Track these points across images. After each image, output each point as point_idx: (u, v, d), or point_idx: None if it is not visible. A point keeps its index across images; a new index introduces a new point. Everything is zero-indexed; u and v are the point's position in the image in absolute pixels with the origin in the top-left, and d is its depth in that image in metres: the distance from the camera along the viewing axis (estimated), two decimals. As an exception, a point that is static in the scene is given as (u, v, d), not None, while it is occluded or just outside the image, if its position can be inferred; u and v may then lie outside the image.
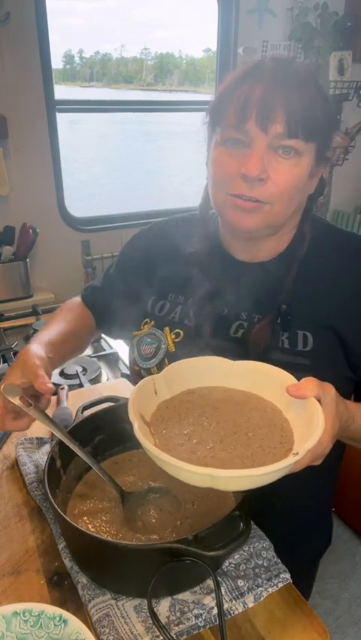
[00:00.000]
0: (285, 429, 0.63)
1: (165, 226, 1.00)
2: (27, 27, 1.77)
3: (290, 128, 0.69)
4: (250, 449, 0.60)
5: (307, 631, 0.65)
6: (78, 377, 1.44)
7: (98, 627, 0.63)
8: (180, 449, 0.60)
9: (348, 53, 2.36)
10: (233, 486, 0.56)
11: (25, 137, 1.90)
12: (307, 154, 0.73)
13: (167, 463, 0.54)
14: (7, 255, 1.93)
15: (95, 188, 8.02)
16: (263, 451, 0.60)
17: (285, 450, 0.60)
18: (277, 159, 0.72)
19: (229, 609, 0.66)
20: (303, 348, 0.80)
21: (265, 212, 0.75)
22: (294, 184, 0.73)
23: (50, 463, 0.72)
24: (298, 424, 0.63)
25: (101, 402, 0.91)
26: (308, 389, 0.61)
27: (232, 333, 0.84)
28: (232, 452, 0.60)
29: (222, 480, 0.53)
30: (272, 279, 0.83)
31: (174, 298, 0.92)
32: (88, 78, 17.58)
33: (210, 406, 0.68)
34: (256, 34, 2.25)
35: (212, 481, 0.54)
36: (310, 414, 0.60)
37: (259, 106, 0.69)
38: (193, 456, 0.59)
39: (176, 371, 0.71)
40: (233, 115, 0.71)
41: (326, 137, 0.75)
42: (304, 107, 0.69)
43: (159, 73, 17.08)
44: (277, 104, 0.69)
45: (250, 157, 0.71)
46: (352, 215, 2.78)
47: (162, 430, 0.63)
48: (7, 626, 0.58)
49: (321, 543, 1.06)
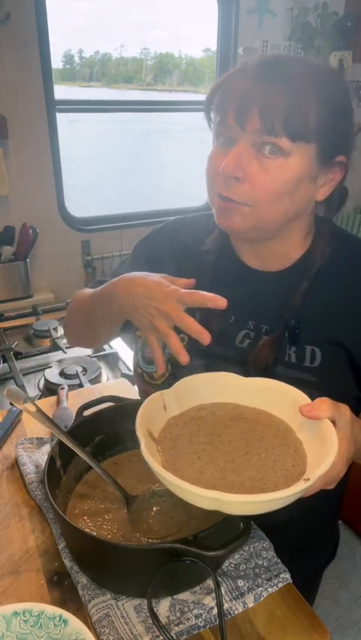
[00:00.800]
0: (298, 450, 0.61)
1: (177, 225, 0.96)
2: (27, 27, 1.77)
3: (266, 124, 0.66)
4: (261, 471, 0.58)
5: (307, 631, 0.65)
6: (78, 377, 1.44)
7: (98, 627, 0.63)
8: (189, 469, 0.58)
9: (348, 53, 2.36)
10: (240, 510, 0.54)
11: (25, 137, 1.90)
12: (299, 155, 0.68)
13: (172, 483, 0.53)
14: (7, 255, 1.93)
15: (94, 188, 8.02)
16: (275, 474, 0.58)
17: (297, 473, 0.58)
18: (259, 159, 0.68)
19: (229, 609, 0.66)
20: (310, 364, 0.78)
21: (246, 215, 0.72)
22: (275, 186, 0.69)
23: (50, 463, 0.72)
24: (312, 445, 0.61)
25: (101, 402, 0.91)
26: (322, 410, 0.58)
27: (238, 343, 0.82)
28: (243, 474, 0.58)
29: (230, 504, 0.52)
30: (283, 291, 0.80)
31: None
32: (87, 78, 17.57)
33: (222, 423, 0.66)
34: (256, 34, 2.25)
35: (219, 505, 0.52)
36: (323, 436, 0.58)
37: (237, 102, 0.67)
38: (202, 477, 0.57)
39: (186, 386, 0.68)
40: (218, 112, 0.71)
41: (329, 139, 0.70)
42: (286, 103, 0.65)
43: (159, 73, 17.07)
44: (253, 99, 0.66)
45: (229, 155, 0.69)
46: (352, 215, 2.78)
47: (170, 448, 0.61)
48: (7, 626, 0.58)
49: (325, 555, 1.05)
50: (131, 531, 0.72)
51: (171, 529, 0.71)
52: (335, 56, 2.34)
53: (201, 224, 0.91)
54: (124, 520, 0.74)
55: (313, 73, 0.69)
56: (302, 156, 0.69)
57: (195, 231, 0.91)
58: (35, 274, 2.04)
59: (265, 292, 0.83)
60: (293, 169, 0.69)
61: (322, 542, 1.03)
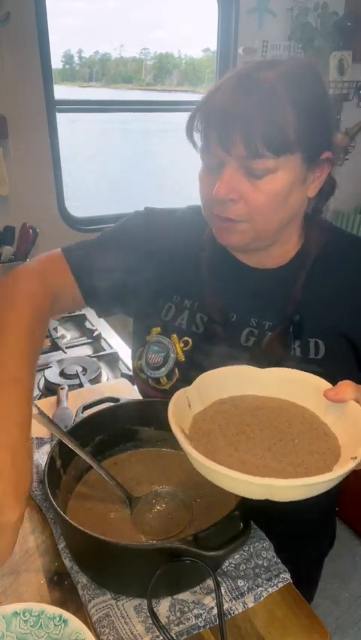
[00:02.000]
0: (328, 434, 0.63)
1: (163, 217, 0.93)
2: (27, 27, 1.77)
3: (250, 150, 0.67)
4: (299, 456, 0.59)
5: (307, 631, 0.65)
6: (78, 377, 1.44)
7: (98, 627, 0.63)
8: (229, 460, 0.58)
9: (348, 53, 2.36)
10: (292, 496, 0.54)
11: (25, 137, 1.90)
12: (286, 166, 0.70)
13: (224, 475, 0.52)
14: (7, 255, 1.93)
15: (94, 188, 8.03)
16: (313, 458, 0.59)
17: (334, 455, 0.59)
18: (248, 179, 0.70)
19: (229, 609, 0.66)
20: (315, 356, 0.80)
21: (244, 231, 0.74)
22: (268, 201, 0.71)
23: (50, 463, 0.72)
24: (340, 427, 0.63)
25: (101, 402, 0.91)
26: (347, 392, 0.61)
27: (243, 342, 0.83)
28: (283, 460, 0.59)
29: (283, 490, 0.52)
30: (282, 286, 0.82)
31: (179, 301, 0.88)
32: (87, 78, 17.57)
33: (248, 414, 0.67)
34: (256, 34, 2.25)
35: (270, 492, 0.52)
36: (353, 416, 0.60)
37: (218, 130, 0.68)
38: (244, 467, 0.57)
39: (206, 382, 0.69)
40: (201, 138, 0.71)
41: (313, 144, 0.71)
42: (266, 122, 0.66)
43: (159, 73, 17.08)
44: (234, 126, 0.66)
45: (219, 180, 0.70)
46: (352, 215, 2.78)
47: (205, 443, 0.61)
48: (7, 626, 0.58)
49: (324, 544, 1.06)
50: (131, 531, 0.72)
51: (173, 530, 0.71)
52: (335, 56, 2.34)
53: (191, 222, 0.91)
54: (124, 520, 0.74)
55: (288, 80, 0.68)
56: (289, 166, 0.70)
57: (185, 228, 0.91)
58: (35, 274, 2.04)
59: (264, 289, 0.84)
60: (283, 181, 0.71)
61: (321, 531, 1.04)
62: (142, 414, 0.86)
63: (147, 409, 0.86)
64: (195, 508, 0.75)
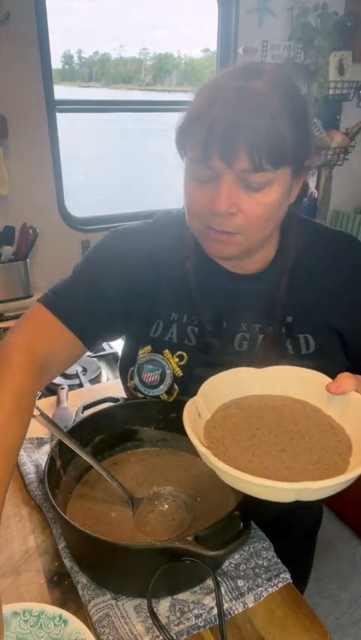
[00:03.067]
0: (334, 426, 0.64)
1: (132, 235, 0.90)
2: (27, 27, 1.77)
3: (254, 163, 0.66)
4: (314, 453, 0.60)
5: (307, 631, 0.65)
6: (78, 377, 1.44)
7: (98, 627, 0.63)
8: (252, 467, 0.59)
9: (348, 53, 2.36)
10: (321, 495, 0.54)
11: (25, 137, 1.90)
12: (280, 179, 0.70)
13: (256, 485, 0.52)
14: (7, 255, 1.93)
15: (94, 188, 8.03)
16: (328, 453, 0.60)
17: (346, 447, 0.60)
18: (246, 192, 0.70)
19: (229, 609, 0.66)
20: (307, 351, 0.81)
21: (238, 243, 0.74)
22: (265, 213, 0.72)
23: (50, 463, 0.72)
24: (345, 419, 0.64)
25: (101, 402, 0.91)
26: (348, 384, 0.62)
27: (237, 347, 0.83)
28: (301, 460, 0.59)
29: (315, 492, 0.52)
30: (266, 289, 0.83)
31: (166, 316, 0.86)
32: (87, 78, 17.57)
33: (253, 416, 0.67)
34: (256, 34, 2.25)
35: (299, 494, 0.53)
36: (357, 407, 0.62)
37: (221, 143, 0.66)
38: (268, 472, 0.58)
39: (210, 388, 0.69)
40: (197, 149, 0.69)
41: (301, 153, 0.72)
42: (268, 137, 0.66)
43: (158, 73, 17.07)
44: (239, 139, 0.66)
45: (218, 194, 0.69)
46: (352, 215, 2.78)
47: (222, 451, 0.61)
48: (7, 626, 0.58)
49: (313, 518, 1.08)
50: (131, 531, 0.72)
51: (175, 531, 0.71)
52: (334, 56, 2.34)
53: (163, 233, 0.89)
54: (124, 520, 0.74)
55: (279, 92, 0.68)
56: (282, 179, 0.71)
57: (160, 241, 0.88)
58: (35, 274, 2.03)
59: (250, 293, 0.85)
60: (277, 193, 0.71)
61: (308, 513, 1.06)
62: (142, 414, 0.86)
63: (147, 409, 0.86)
64: (197, 509, 0.75)
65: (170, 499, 0.76)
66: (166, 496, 0.76)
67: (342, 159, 2.47)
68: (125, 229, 0.91)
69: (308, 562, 1.12)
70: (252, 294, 0.84)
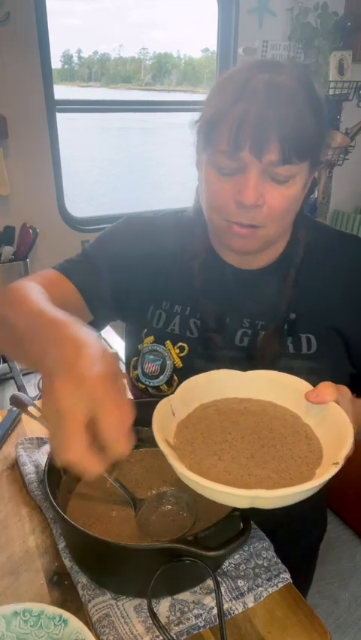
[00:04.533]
0: (310, 436, 0.63)
1: (145, 225, 0.92)
2: (27, 27, 1.77)
3: (284, 156, 0.68)
4: (283, 462, 0.60)
5: (307, 631, 0.65)
6: (78, 377, 1.43)
7: (98, 627, 0.63)
8: (215, 471, 0.59)
9: (348, 53, 2.36)
10: (277, 504, 0.54)
11: (25, 137, 1.90)
12: (301, 172, 0.72)
13: (209, 489, 0.53)
14: (7, 255, 1.93)
15: (94, 188, 8.03)
16: (296, 462, 0.59)
17: (316, 458, 0.60)
18: (271, 184, 0.71)
19: (229, 609, 0.66)
20: (308, 351, 0.81)
21: (261, 237, 0.75)
22: (288, 206, 0.73)
23: (50, 463, 0.72)
24: (322, 429, 0.63)
25: (100, 402, 0.90)
26: (328, 394, 0.61)
27: (238, 343, 0.84)
28: (267, 467, 0.59)
29: (269, 500, 0.53)
30: (271, 285, 0.83)
31: (169, 307, 0.88)
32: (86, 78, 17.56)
33: (229, 420, 0.67)
34: (256, 34, 2.25)
35: (255, 502, 0.53)
36: (333, 419, 0.60)
37: (252, 135, 0.67)
38: (230, 477, 0.58)
39: (188, 388, 0.69)
40: (226, 142, 0.69)
41: (319, 147, 0.74)
42: (297, 130, 0.67)
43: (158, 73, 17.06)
44: (271, 132, 0.67)
45: (246, 185, 0.70)
46: (352, 215, 2.78)
47: (189, 452, 0.62)
48: (7, 626, 0.58)
49: (318, 531, 1.07)
50: (131, 531, 0.72)
51: (177, 533, 0.71)
52: (335, 56, 2.34)
53: (169, 227, 0.90)
54: (124, 520, 0.74)
55: (303, 86, 0.70)
56: (303, 172, 0.73)
57: (169, 235, 0.89)
58: (35, 274, 2.04)
59: (254, 289, 0.85)
60: (298, 186, 0.73)
61: (313, 521, 1.05)
62: (142, 414, 0.85)
63: (147, 409, 0.86)
64: (199, 510, 0.75)
65: (172, 501, 0.76)
66: (168, 497, 0.76)
67: (342, 159, 2.47)
68: (138, 217, 0.93)
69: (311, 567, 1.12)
70: (256, 290, 0.85)
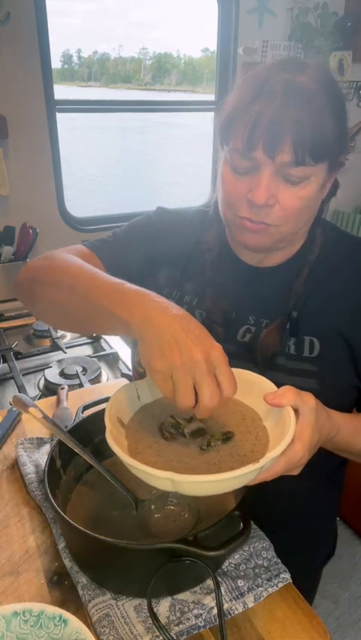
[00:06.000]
0: (260, 437, 0.63)
1: (176, 219, 0.95)
2: (27, 27, 1.77)
3: (297, 157, 0.68)
4: (218, 455, 0.61)
5: (307, 631, 0.65)
6: (78, 377, 1.44)
7: (98, 627, 0.63)
8: (148, 452, 0.61)
9: (348, 53, 2.36)
10: (193, 491, 0.56)
11: (25, 137, 1.90)
12: (317, 174, 0.72)
13: (131, 466, 0.56)
14: (7, 255, 1.93)
15: (94, 188, 8.03)
16: (232, 458, 0.60)
17: (255, 458, 0.59)
18: (284, 184, 0.71)
19: (229, 609, 0.66)
20: (309, 354, 0.80)
21: (272, 234, 0.75)
22: (301, 207, 0.73)
23: (50, 463, 0.72)
24: (274, 432, 0.63)
25: (101, 402, 0.91)
26: (285, 397, 0.61)
27: (240, 338, 0.84)
28: (199, 458, 0.60)
29: (184, 485, 0.54)
30: (281, 284, 0.83)
31: (179, 297, 0.90)
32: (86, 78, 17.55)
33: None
34: (256, 34, 2.25)
35: (174, 486, 0.54)
36: (283, 424, 0.60)
37: (266, 135, 0.67)
38: (160, 459, 0.59)
39: None
40: (240, 140, 0.70)
41: (339, 149, 0.73)
42: (312, 131, 0.67)
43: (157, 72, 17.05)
44: (285, 132, 0.67)
45: (258, 185, 0.70)
46: (352, 215, 2.78)
47: (134, 431, 0.64)
48: (7, 626, 0.58)
49: (324, 552, 1.06)
50: (131, 531, 0.72)
51: (178, 533, 0.71)
52: (335, 56, 2.34)
53: (196, 222, 0.93)
54: (124, 520, 0.74)
55: (324, 87, 0.70)
56: (320, 174, 0.72)
57: (194, 229, 0.93)
58: (35, 274, 2.04)
59: (264, 287, 0.85)
60: (314, 187, 0.73)
61: (321, 539, 1.04)
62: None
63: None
64: (201, 511, 0.75)
65: (174, 502, 0.76)
66: (170, 498, 0.76)
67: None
68: (168, 209, 0.97)
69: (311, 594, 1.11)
70: (266, 288, 0.85)
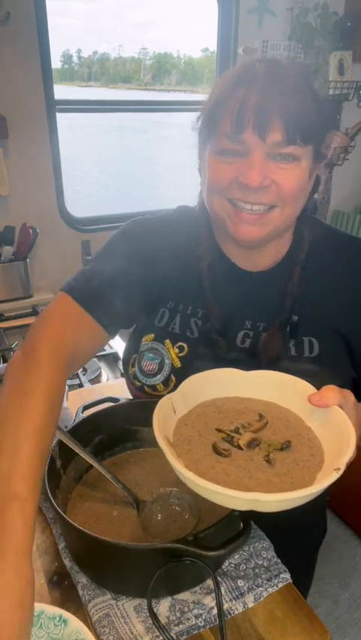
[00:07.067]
0: (312, 439, 0.63)
1: (153, 225, 0.91)
2: (27, 27, 1.77)
3: (288, 135, 0.68)
4: (284, 465, 0.59)
5: (307, 631, 0.65)
6: (78, 377, 1.44)
7: (98, 627, 0.63)
8: (213, 472, 0.58)
9: (348, 53, 2.35)
10: (276, 507, 0.54)
11: (25, 137, 1.90)
12: (306, 157, 0.72)
13: (209, 490, 0.52)
14: (7, 255, 1.93)
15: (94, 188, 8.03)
16: (298, 466, 0.59)
17: (317, 462, 0.59)
18: (277, 165, 0.71)
19: (229, 609, 0.66)
20: (310, 354, 0.80)
21: (270, 220, 0.74)
22: (299, 187, 0.73)
23: (50, 463, 0.72)
24: (324, 433, 0.62)
25: (101, 402, 0.91)
26: (331, 397, 0.61)
27: (240, 344, 0.83)
28: (267, 471, 0.58)
29: (268, 504, 0.52)
30: (275, 286, 0.83)
31: (174, 306, 0.87)
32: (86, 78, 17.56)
33: (228, 419, 0.66)
34: (256, 34, 2.25)
35: (255, 505, 0.53)
36: (336, 423, 0.60)
37: (255, 114, 0.67)
38: (229, 479, 0.57)
39: (191, 385, 0.69)
40: (229, 124, 0.69)
41: (321, 136, 0.74)
42: (299, 111, 0.68)
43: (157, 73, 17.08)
44: (274, 111, 0.67)
45: (250, 167, 0.69)
46: (352, 215, 2.78)
47: (186, 451, 0.61)
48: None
49: (319, 532, 1.07)
50: (131, 531, 0.72)
51: (180, 533, 0.71)
52: (335, 56, 2.34)
53: (182, 223, 0.90)
54: (124, 520, 0.74)
55: (304, 74, 0.72)
56: (307, 157, 0.73)
57: (180, 230, 0.89)
58: (35, 274, 2.04)
59: (258, 291, 0.85)
60: (304, 169, 0.73)
61: (313, 526, 1.05)
62: (142, 414, 0.86)
63: (147, 409, 0.86)
64: (202, 511, 0.75)
65: (175, 502, 0.76)
66: (172, 498, 0.76)
67: (342, 159, 2.46)
68: (146, 218, 0.92)
69: (310, 569, 1.12)
70: (261, 292, 0.84)
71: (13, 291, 1.98)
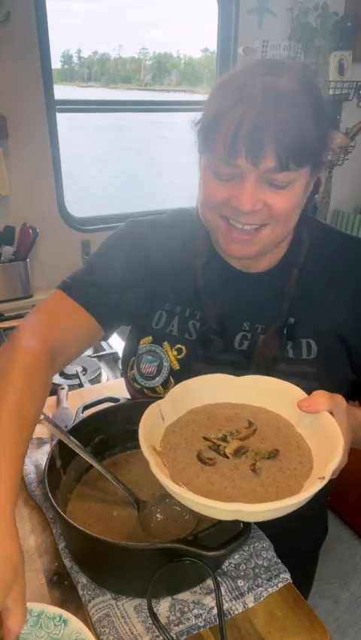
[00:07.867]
0: (301, 446, 0.62)
1: (147, 226, 0.90)
2: (27, 27, 1.77)
3: (281, 162, 0.67)
4: (270, 474, 0.58)
5: (307, 631, 0.65)
6: (78, 377, 1.44)
7: (98, 627, 0.63)
8: (197, 481, 0.57)
9: (348, 53, 2.35)
10: (261, 518, 0.54)
11: (25, 137, 1.90)
12: (301, 177, 0.71)
13: (191, 500, 0.52)
14: (7, 255, 1.93)
15: (94, 188, 8.03)
16: (284, 475, 0.58)
17: (306, 470, 0.58)
18: (270, 189, 0.70)
19: (229, 609, 0.66)
20: (307, 357, 0.80)
21: (262, 238, 0.74)
22: (290, 208, 0.72)
23: (50, 463, 0.72)
24: (314, 440, 0.62)
25: (101, 402, 0.91)
26: (320, 403, 0.60)
27: (237, 346, 0.83)
28: (253, 480, 0.57)
29: (251, 514, 0.52)
30: (273, 288, 0.82)
31: (171, 308, 0.87)
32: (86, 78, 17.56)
33: (217, 426, 0.65)
34: (256, 34, 2.25)
35: (238, 515, 0.52)
36: (325, 430, 0.59)
37: (249, 142, 0.66)
38: (213, 488, 0.56)
39: (181, 392, 0.68)
40: (223, 148, 0.68)
41: (321, 151, 0.72)
42: (295, 136, 0.66)
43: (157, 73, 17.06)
44: (267, 137, 0.66)
45: (243, 192, 0.69)
46: (352, 215, 2.78)
47: (172, 459, 0.60)
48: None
49: (320, 531, 1.07)
50: (131, 531, 0.72)
51: (180, 534, 0.71)
52: (335, 56, 2.33)
53: (177, 226, 0.90)
54: (124, 520, 0.74)
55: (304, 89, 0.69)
56: (303, 177, 0.72)
57: (173, 235, 0.89)
58: (35, 274, 2.04)
59: (255, 293, 0.84)
60: (299, 190, 0.72)
61: (313, 525, 1.05)
62: (142, 414, 0.86)
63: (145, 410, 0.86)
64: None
65: (176, 502, 0.76)
66: (172, 498, 0.76)
67: (342, 159, 2.47)
68: (141, 220, 0.92)
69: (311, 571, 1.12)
70: (258, 293, 0.84)
71: (13, 291, 1.98)
